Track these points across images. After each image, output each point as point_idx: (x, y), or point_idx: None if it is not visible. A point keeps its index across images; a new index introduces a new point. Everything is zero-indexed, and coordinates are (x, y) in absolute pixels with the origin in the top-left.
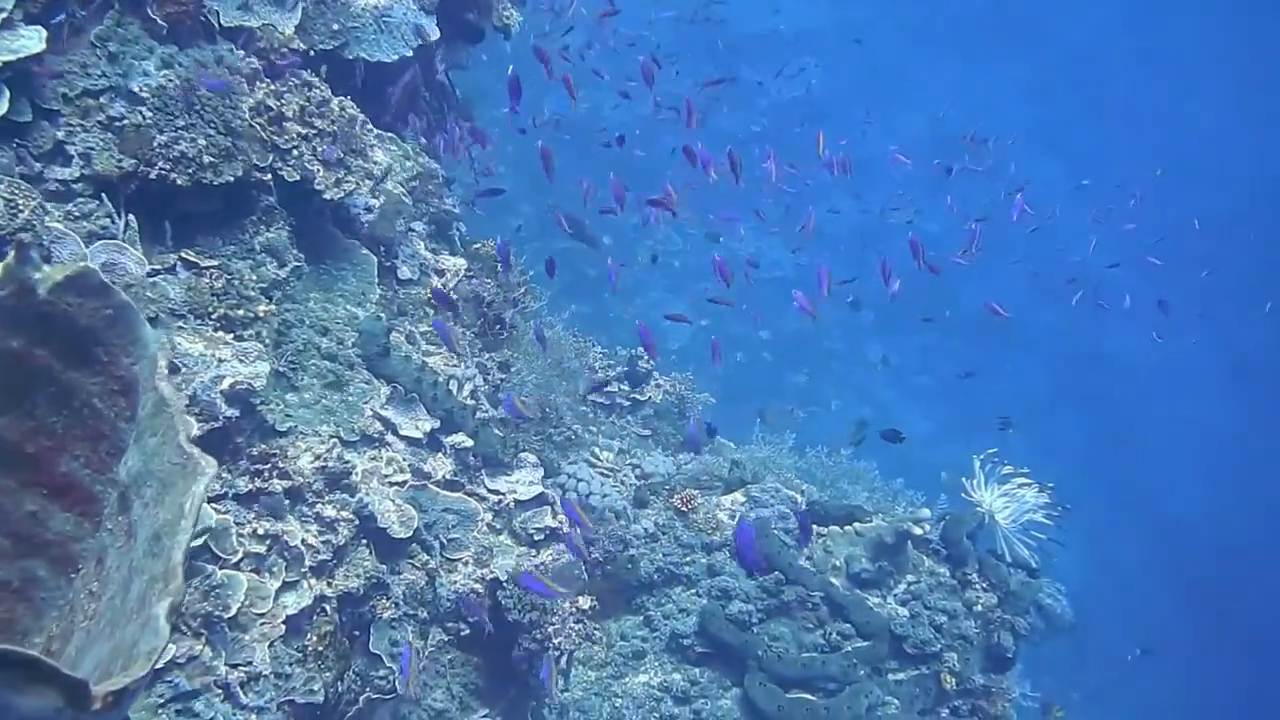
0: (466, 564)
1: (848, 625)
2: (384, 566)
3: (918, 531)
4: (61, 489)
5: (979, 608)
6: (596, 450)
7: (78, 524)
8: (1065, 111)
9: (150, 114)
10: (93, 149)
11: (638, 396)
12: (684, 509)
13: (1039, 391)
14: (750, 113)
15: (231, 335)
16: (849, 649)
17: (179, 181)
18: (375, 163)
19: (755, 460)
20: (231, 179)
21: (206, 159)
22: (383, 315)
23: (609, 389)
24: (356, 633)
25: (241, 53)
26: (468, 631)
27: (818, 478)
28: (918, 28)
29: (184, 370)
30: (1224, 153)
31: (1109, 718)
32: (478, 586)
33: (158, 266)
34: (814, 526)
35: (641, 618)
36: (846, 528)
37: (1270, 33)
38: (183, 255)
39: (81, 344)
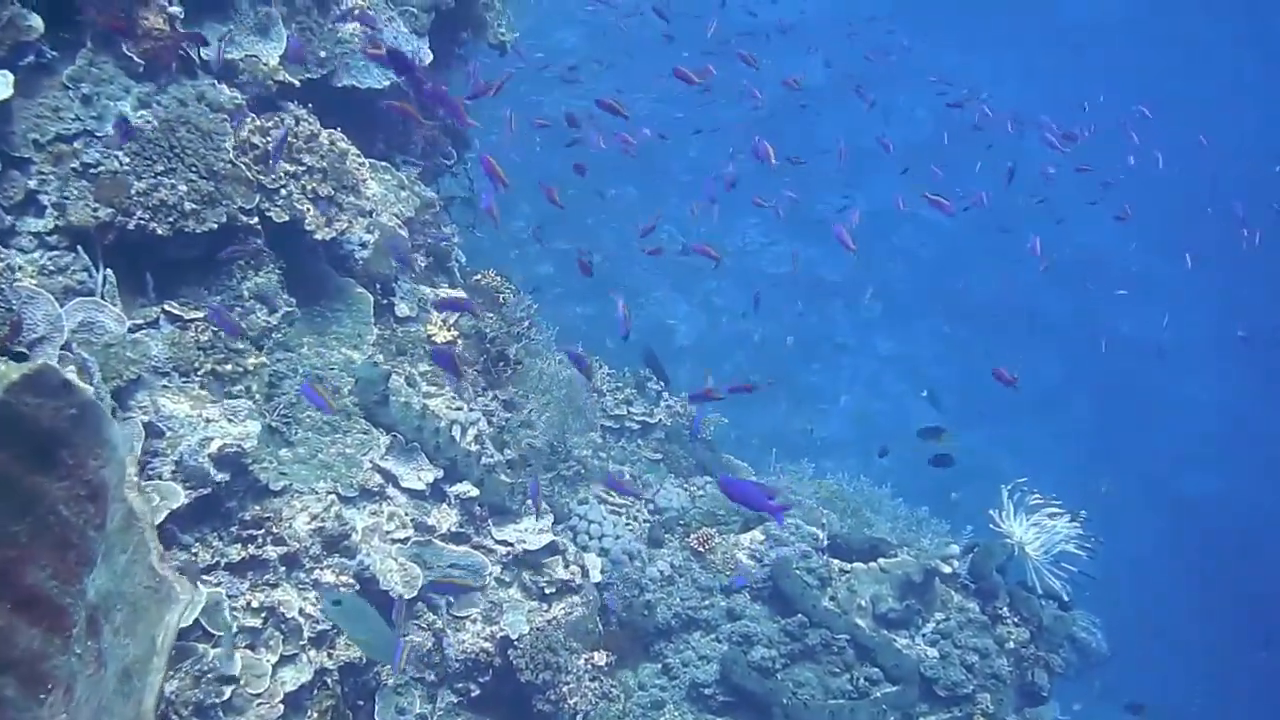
0: (475, 621)
1: (876, 669)
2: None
3: (946, 570)
4: (28, 601)
5: (1011, 644)
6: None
7: (46, 639)
8: (1066, 93)
9: (127, 159)
10: (67, 198)
11: (647, 419)
12: (701, 549)
13: (1051, 378)
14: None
15: (220, 392)
16: (878, 695)
17: (159, 231)
18: (367, 198)
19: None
20: (215, 226)
21: (188, 206)
22: (380, 360)
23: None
24: (361, 702)
25: (224, 88)
26: (478, 692)
27: (838, 506)
28: (917, 13)
29: (169, 434)
30: (1232, 132)
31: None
32: (487, 645)
33: (139, 321)
34: (837, 563)
35: (660, 665)
36: (871, 564)
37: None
38: (166, 308)
39: (44, 447)
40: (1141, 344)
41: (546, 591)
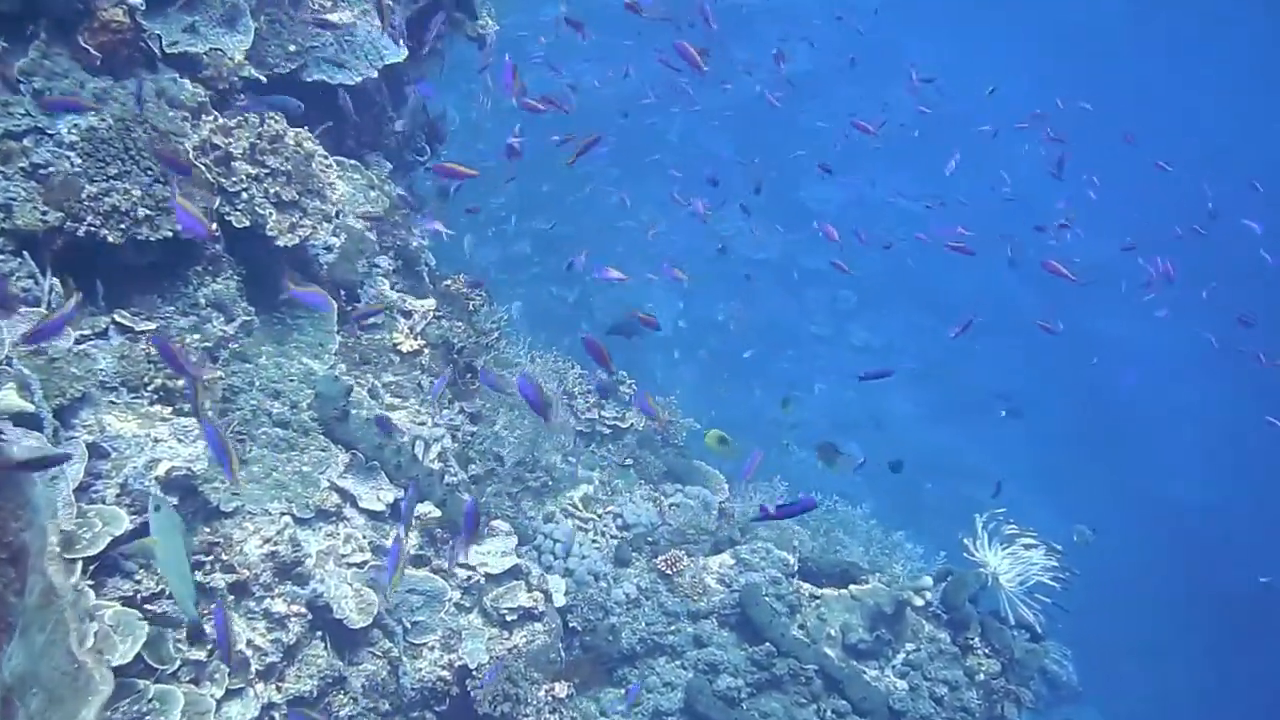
0: (433, 649)
1: (844, 701)
2: (340, 662)
3: (919, 602)
4: None
5: (981, 676)
6: (574, 496)
7: None
8: (1058, 89)
9: (79, 160)
10: (14, 200)
11: (619, 424)
12: (669, 571)
13: (1021, 374)
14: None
15: (170, 409)
16: None
17: (110, 239)
18: (333, 201)
19: (745, 513)
20: (170, 233)
21: (142, 212)
22: (342, 369)
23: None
24: None
25: (187, 83)
26: None
27: (810, 525)
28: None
29: (114, 455)
30: (1220, 133)
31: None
32: (445, 674)
33: (87, 331)
34: (807, 588)
35: (623, 691)
36: (842, 591)
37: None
38: (116, 318)
39: None
40: (1116, 342)
41: (508, 619)
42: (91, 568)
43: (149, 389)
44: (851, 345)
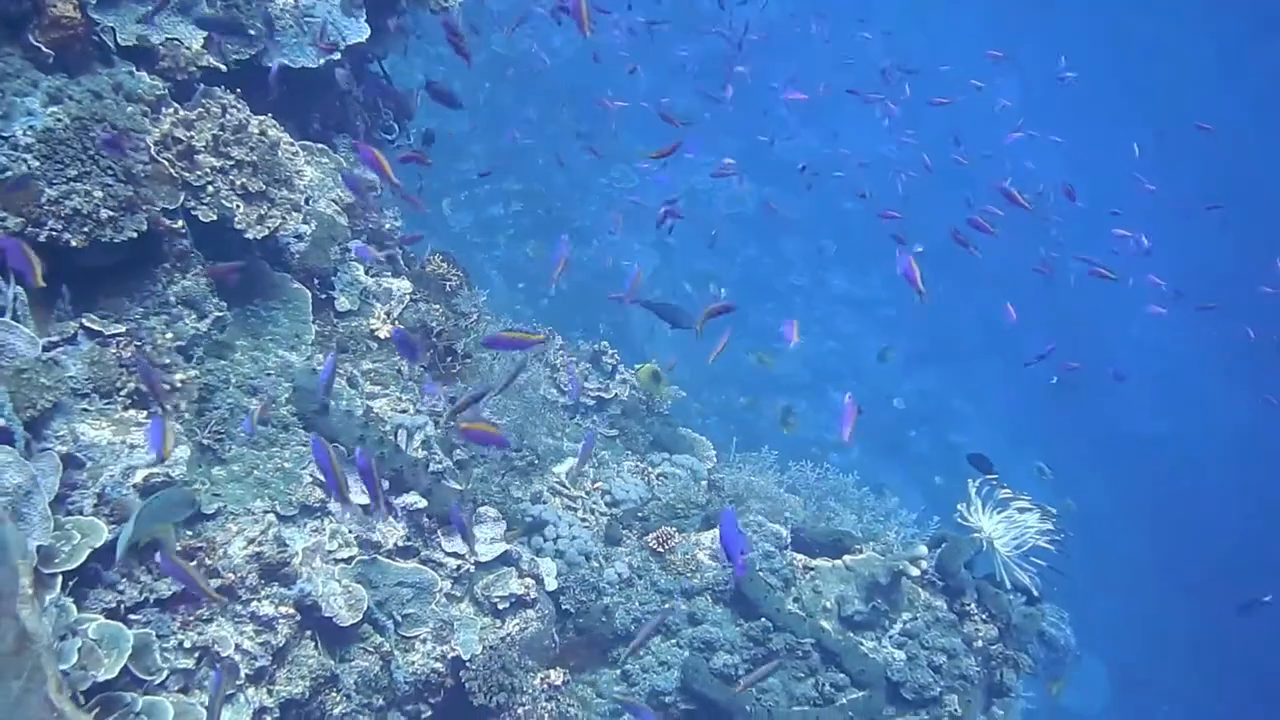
0: (425, 641)
1: (841, 675)
2: (331, 660)
3: (914, 573)
4: None
5: (979, 643)
6: (560, 472)
7: None
8: (1022, 39)
9: (37, 162)
10: None
11: (603, 395)
12: (660, 549)
13: (1001, 320)
14: (705, 41)
15: (144, 414)
16: (843, 701)
17: (73, 243)
18: (301, 189)
19: (735, 483)
20: (135, 234)
21: (104, 214)
22: (319, 361)
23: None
24: None
25: (144, 76)
26: (429, 713)
27: (802, 494)
28: None
29: (90, 464)
30: (1184, 73)
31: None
32: (438, 665)
33: (55, 338)
34: (801, 559)
35: (619, 672)
36: (836, 562)
37: None
38: (84, 322)
39: None
40: (1091, 289)
41: (499, 607)
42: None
43: (122, 394)
44: (831, 295)
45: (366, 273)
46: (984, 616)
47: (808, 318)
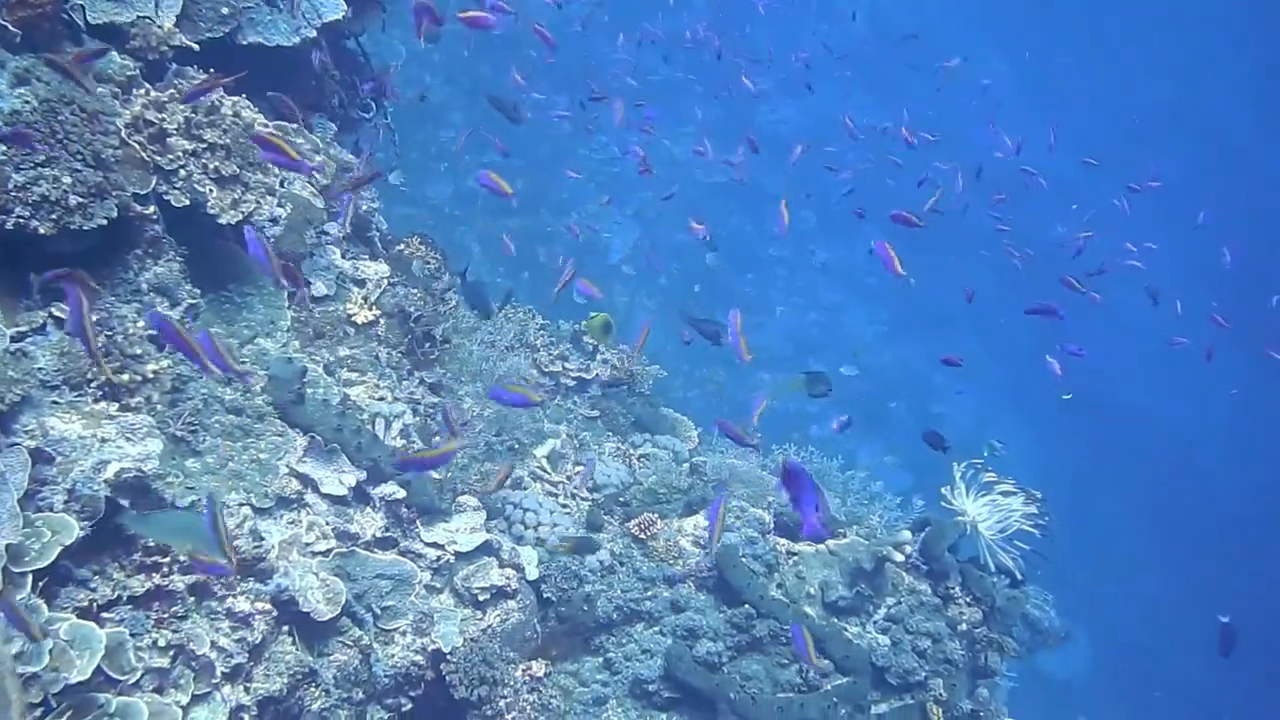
0: (405, 634)
1: (826, 661)
2: (309, 655)
3: (899, 558)
4: None
5: (963, 626)
6: (540, 454)
7: None
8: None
9: (3, 147)
10: None
11: (584, 375)
12: (642, 535)
13: (985, 289)
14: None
15: (116, 406)
16: (828, 687)
17: (41, 230)
18: (276, 173)
19: (718, 467)
20: (105, 221)
21: (73, 200)
22: (295, 347)
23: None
24: None
25: (115, 55)
26: (410, 706)
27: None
28: None
29: (60, 459)
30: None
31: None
32: (418, 658)
33: (24, 328)
34: (784, 543)
35: (601, 660)
36: (819, 547)
37: None
38: (53, 312)
39: None
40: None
41: (480, 598)
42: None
43: (93, 385)
44: (812, 266)
45: (343, 255)
46: (968, 600)
47: (789, 289)
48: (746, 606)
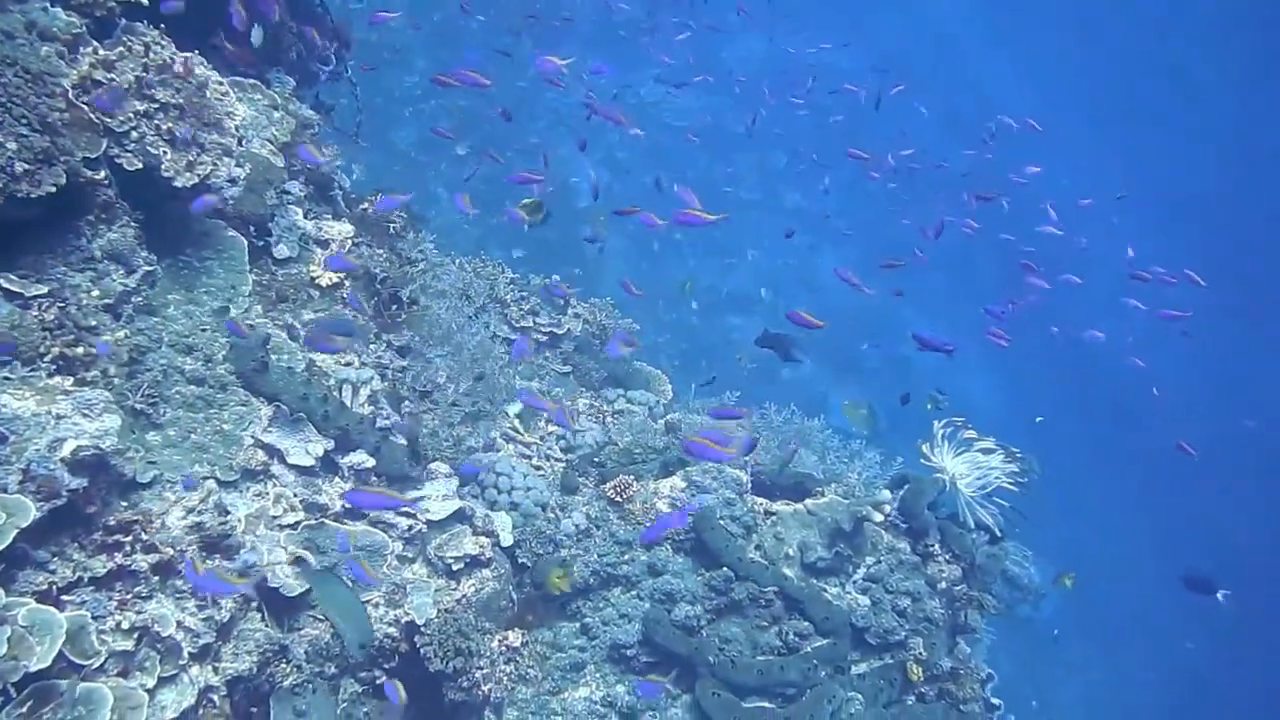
0: (377, 606)
1: (806, 623)
2: (280, 631)
3: (878, 518)
4: None
5: (943, 584)
6: (511, 413)
7: None
8: None
9: None
10: None
11: (555, 330)
12: (618, 499)
13: (953, 230)
14: None
15: (71, 380)
16: (808, 649)
17: None
18: (232, 132)
19: (691, 428)
20: (53, 188)
21: (19, 167)
22: (258, 315)
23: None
24: (254, 709)
25: (60, 11)
26: (384, 679)
27: (766, 438)
28: None
29: (13, 438)
30: None
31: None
32: (392, 630)
33: None
34: (762, 503)
35: (578, 625)
36: (797, 507)
37: None
38: (2, 283)
39: None
40: (1044, 197)
41: (454, 568)
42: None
43: (46, 359)
44: (783, 208)
45: (305, 216)
46: (947, 557)
47: (760, 232)
48: (725, 569)
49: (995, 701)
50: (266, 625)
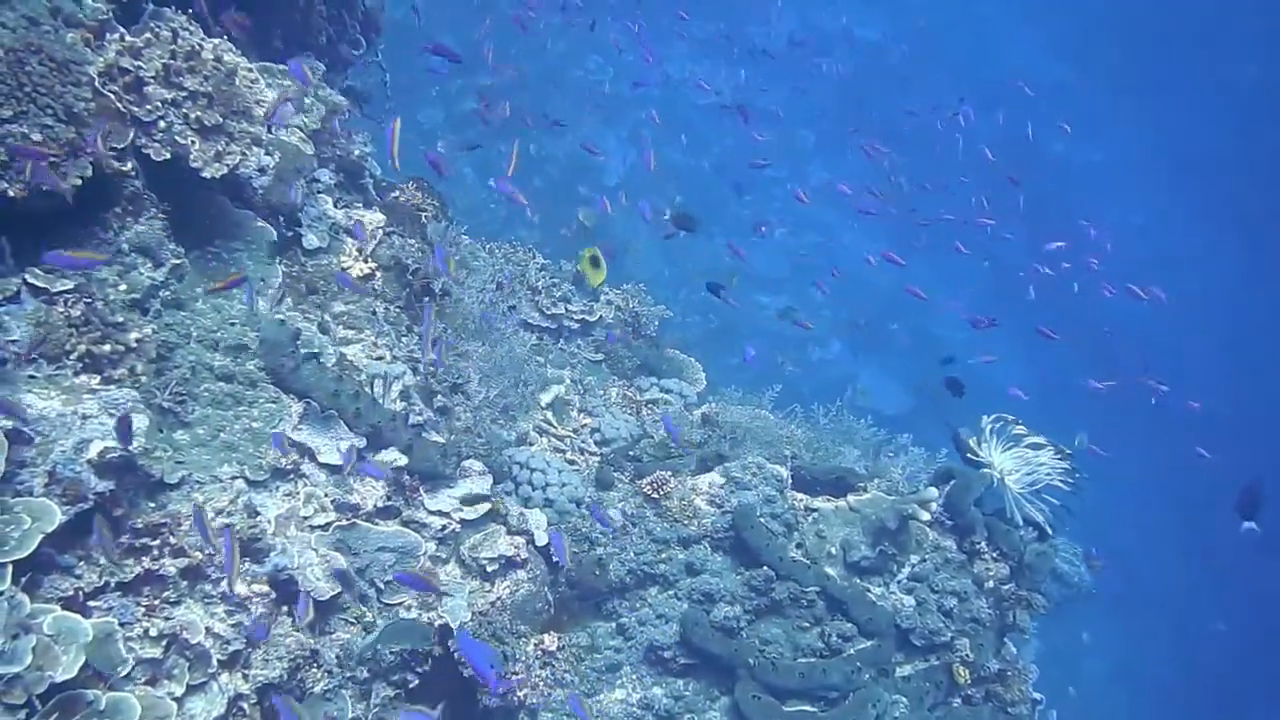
0: (410, 609)
1: (849, 625)
2: (310, 637)
3: (925, 517)
4: None
5: (990, 583)
6: (544, 401)
7: None
8: None
9: None
10: None
11: (587, 318)
12: (655, 495)
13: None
14: None
15: (98, 379)
16: (851, 652)
17: (11, 192)
18: (261, 120)
19: (730, 423)
20: (80, 180)
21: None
22: (288, 309)
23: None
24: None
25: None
26: (417, 683)
27: (801, 438)
28: None
29: (39, 439)
30: None
31: None
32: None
33: None
34: (803, 499)
35: (614, 625)
36: (839, 503)
37: None
38: (27, 279)
39: None
40: (1071, 165)
41: (488, 569)
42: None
43: (72, 358)
44: (810, 187)
45: (335, 204)
46: (994, 555)
47: (786, 211)
48: (765, 568)
49: (1037, 696)
50: (298, 630)
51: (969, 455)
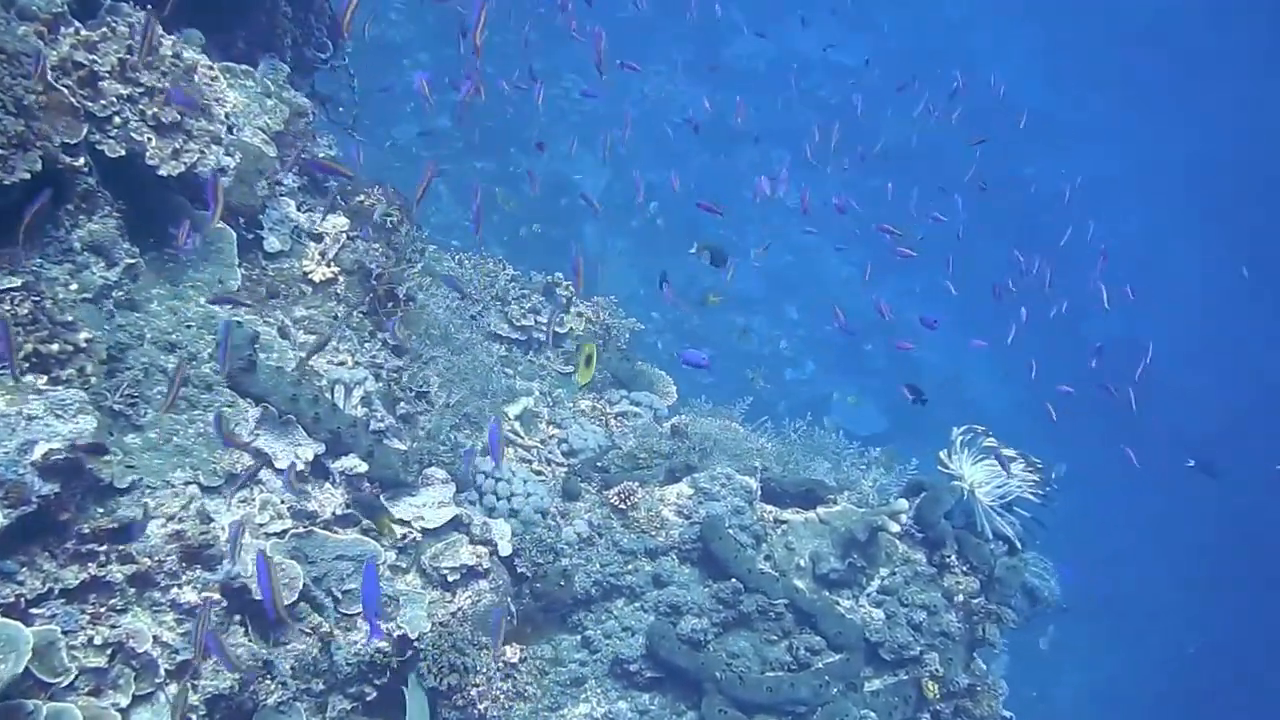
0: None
1: (818, 638)
2: (264, 646)
3: (895, 529)
4: None
5: (960, 597)
6: (512, 413)
7: None
8: None
9: None
10: None
11: (557, 329)
12: (622, 505)
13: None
14: None
15: (45, 379)
16: (820, 665)
17: None
18: (222, 120)
19: (699, 434)
20: (28, 175)
21: None
22: (245, 317)
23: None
24: None
25: None
26: (375, 695)
27: (771, 451)
28: None
29: None
30: None
31: None
32: (383, 644)
33: None
34: (772, 511)
35: (579, 638)
36: (809, 515)
37: None
38: None
39: None
40: (1047, 189)
41: (449, 579)
42: None
43: (19, 358)
44: (787, 207)
45: (298, 208)
46: (965, 569)
47: (762, 230)
48: (733, 580)
49: (1007, 714)
50: (250, 640)
51: (939, 467)
